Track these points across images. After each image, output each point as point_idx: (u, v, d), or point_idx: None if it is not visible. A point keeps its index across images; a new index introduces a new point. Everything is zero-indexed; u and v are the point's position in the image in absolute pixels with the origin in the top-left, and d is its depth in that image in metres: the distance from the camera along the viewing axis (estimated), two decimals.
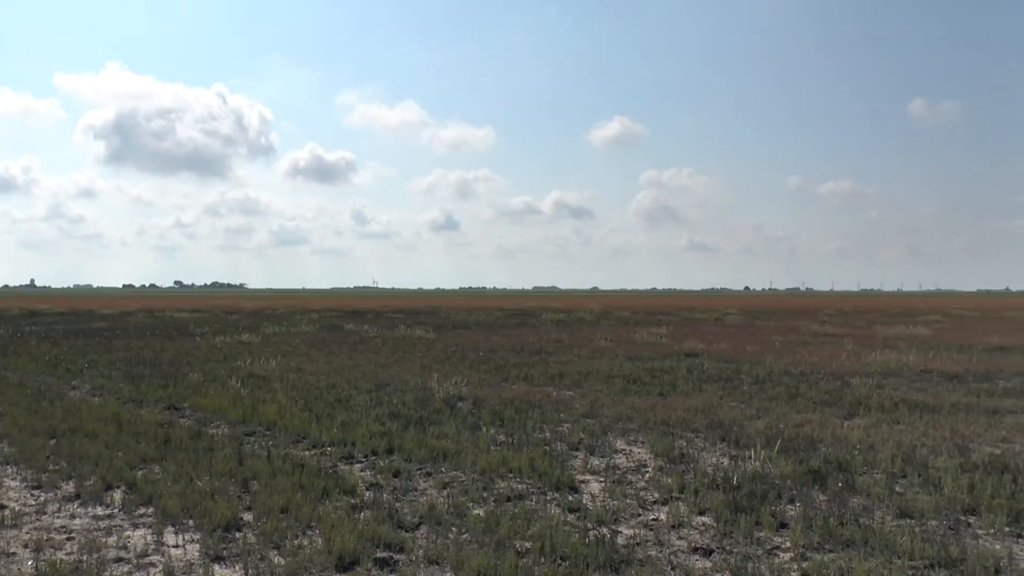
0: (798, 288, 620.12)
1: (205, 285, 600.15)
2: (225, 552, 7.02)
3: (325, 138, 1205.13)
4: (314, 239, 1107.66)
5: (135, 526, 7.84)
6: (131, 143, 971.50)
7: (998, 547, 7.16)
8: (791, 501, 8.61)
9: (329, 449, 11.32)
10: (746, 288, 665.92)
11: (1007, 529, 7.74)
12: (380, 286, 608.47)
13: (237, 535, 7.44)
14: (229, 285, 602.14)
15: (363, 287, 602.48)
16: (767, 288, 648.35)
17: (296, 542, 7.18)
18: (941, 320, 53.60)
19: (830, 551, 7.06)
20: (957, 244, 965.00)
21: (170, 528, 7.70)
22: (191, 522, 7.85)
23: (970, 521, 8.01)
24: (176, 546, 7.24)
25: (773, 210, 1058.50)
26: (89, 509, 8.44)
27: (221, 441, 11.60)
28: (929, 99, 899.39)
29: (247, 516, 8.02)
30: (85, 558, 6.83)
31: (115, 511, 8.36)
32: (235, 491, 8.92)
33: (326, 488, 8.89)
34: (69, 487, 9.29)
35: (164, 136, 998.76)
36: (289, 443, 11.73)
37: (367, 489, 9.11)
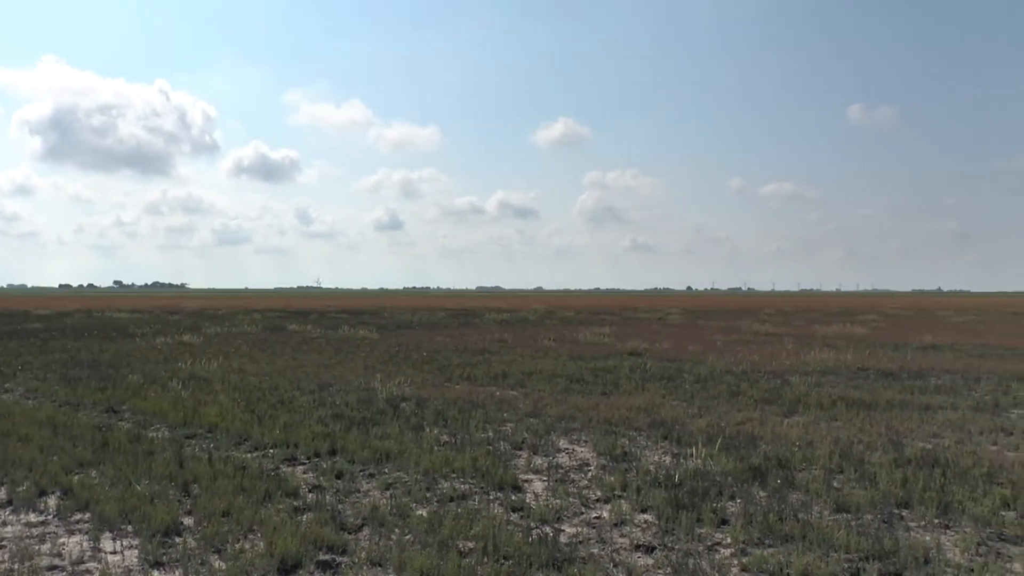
0: (739, 288, 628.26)
1: (145, 285, 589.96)
2: (164, 557, 6.91)
3: (270, 136, 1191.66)
4: (257, 238, 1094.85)
5: (71, 532, 7.68)
6: (70, 139, 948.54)
7: (928, 538, 7.36)
8: (732, 498, 8.73)
9: (271, 451, 11.22)
10: (688, 288, 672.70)
11: (936, 521, 7.97)
12: (324, 286, 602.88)
13: (177, 540, 7.33)
14: (170, 285, 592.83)
15: (307, 287, 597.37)
16: (709, 288, 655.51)
17: (237, 546, 7.10)
18: (877, 319, 54.70)
19: (770, 546, 7.18)
20: (892, 245, 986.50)
21: (107, 534, 7.57)
22: (130, 527, 7.71)
23: (903, 514, 8.21)
24: (114, 552, 7.11)
25: (715, 211, 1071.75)
26: (22, 516, 8.24)
27: (161, 444, 11.42)
28: (867, 105, 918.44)
29: (187, 520, 7.91)
30: (17, 567, 6.67)
31: (49, 517, 8.18)
32: (175, 495, 8.79)
33: (268, 490, 8.81)
34: (0, 493, 9.07)
35: (105, 132, 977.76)
36: (231, 445, 11.59)
37: (310, 491, 9.04)
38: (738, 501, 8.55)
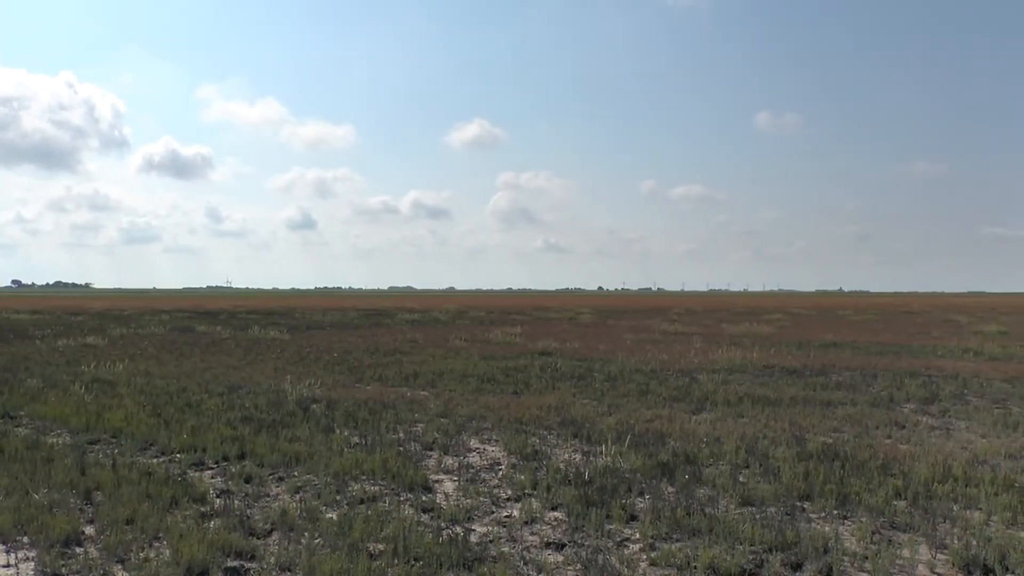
0: (650, 288, 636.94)
1: (47, 285, 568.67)
2: (64, 569, 6.68)
3: (182, 133, 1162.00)
4: (166, 237, 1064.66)
5: None
6: None
7: (827, 529, 7.61)
8: (641, 494, 8.86)
9: (179, 456, 10.96)
10: (600, 288, 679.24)
11: (836, 512, 8.24)
12: (234, 286, 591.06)
13: (78, 550, 7.11)
14: (74, 285, 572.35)
15: (216, 287, 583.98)
16: (620, 288, 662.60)
17: (142, 554, 6.92)
18: (782, 319, 56.11)
19: (677, 540, 7.32)
20: (797, 247, 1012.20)
21: (1, 547, 7.28)
22: (26, 539, 7.41)
23: (804, 506, 8.46)
24: (7, 565, 6.83)
25: (627, 213, 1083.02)
26: None
27: (62, 451, 11.05)
28: (773, 112, 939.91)
29: (89, 529, 7.68)
30: None
31: None
32: (76, 503, 8.52)
33: (175, 497, 8.61)
34: None
35: (5, 125, 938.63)
36: (136, 451, 11.28)
37: (218, 496, 8.87)
38: (647, 497, 8.68)
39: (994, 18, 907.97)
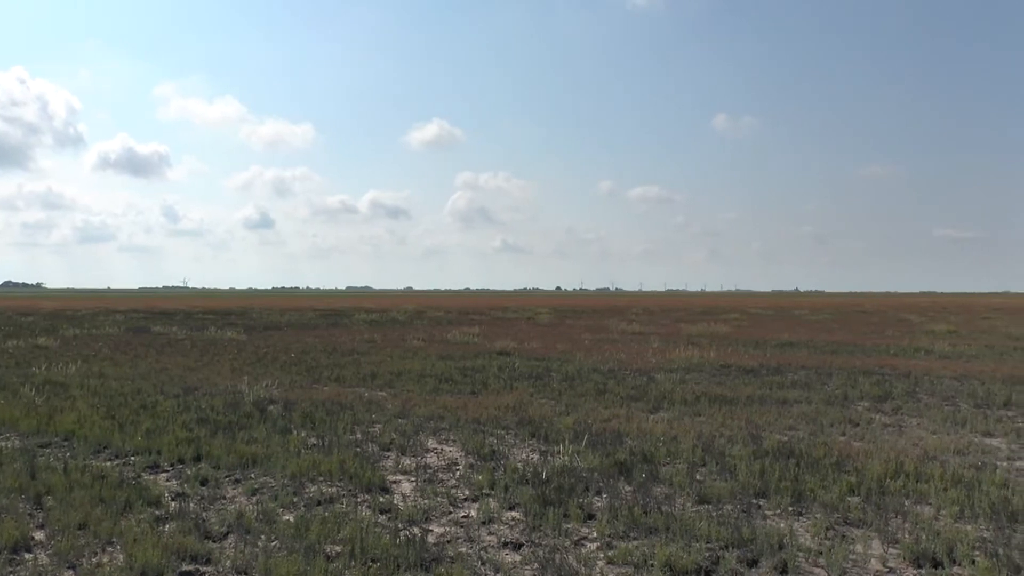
0: (608, 288, 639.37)
1: None
2: None
3: (138, 130, 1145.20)
4: (122, 236, 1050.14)
5: None
6: None
7: (783, 525, 7.70)
8: (598, 493, 8.89)
9: (133, 459, 10.78)
10: (558, 288, 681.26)
11: (791, 509, 8.34)
12: (190, 286, 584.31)
13: (27, 556, 6.98)
14: (24, 284, 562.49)
15: (173, 287, 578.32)
16: (578, 288, 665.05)
17: (94, 560, 6.81)
18: (740, 318, 56.61)
19: (634, 539, 7.35)
20: (754, 248, 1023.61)
21: None
22: None
23: (760, 503, 8.54)
24: None
25: (585, 213, 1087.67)
26: None
27: (11, 455, 10.83)
28: (731, 115, 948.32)
29: (39, 535, 7.54)
30: None
31: None
32: (26, 508, 8.36)
33: (129, 500, 8.47)
34: None
35: None
36: (89, 454, 11.08)
37: (173, 499, 8.74)
38: (604, 496, 8.71)
39: (947, 24, 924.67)
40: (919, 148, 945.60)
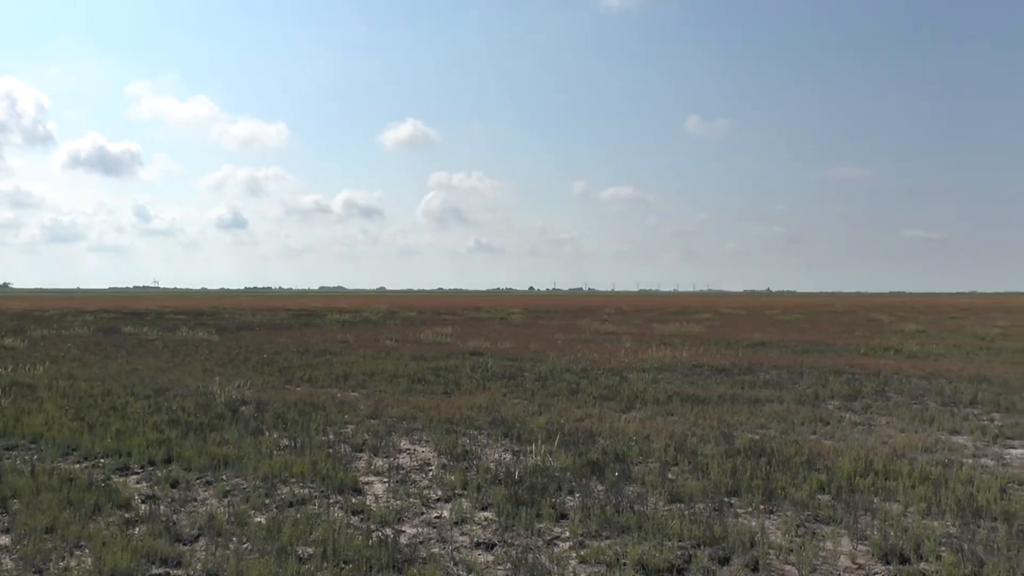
0: (581, 288, 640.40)
1: None
2: None
3: (110, 129, 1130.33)
4: (92, 235, 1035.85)
5: None
6: None
7: (754, 523, 7.75)
8: (571, 492, 8.91)
9: (103, 461, 10.66)
10: (531, 288, 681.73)
11: (762, 507, 8.40)
12: (162, 286, 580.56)
13: None
14: None
15: (144, 287, 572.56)
16: (551, 288, 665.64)
17: (62, 564, 6.73)
18: (712, 318, 56.96)
19: (607, 537, 7.37)
20: (727, 248, 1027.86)
21: None
22: None
23: (732, 502, 8.59)
24: None
25: (558, 214, 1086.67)
26: None
27: None
28: (703, 116, 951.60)
29: (4, 539, 7.43)
30: None
31: None
32: None
33: (98, 503, 8.39)
34: None
35: None
36: (57, 456, 10.95)
37: (143, 502, 8.66)
38: (577, 495, 8.73)
39: (916, 27, 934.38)
40: (889, 150, 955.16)
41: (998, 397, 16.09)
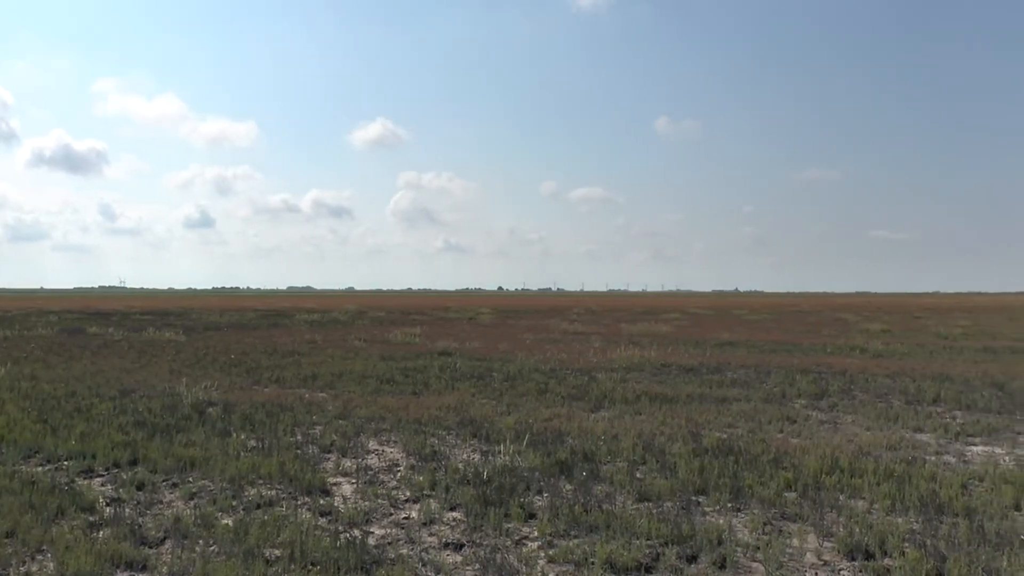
0: (550, 288, 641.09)
1: None
2: None
3: (75, 126, 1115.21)
4: (56, 235, 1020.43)
5: None
6: None
7: (721, 521, 7.81)
8: (539, 492, 8.91)
9: (66, 463, 10.52)
10: (500, 288, 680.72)
11: (729, 505, 8.45)
12: (128, 286, 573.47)
13: None
14: None
15: (109, 287, 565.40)
16: (520, 288, 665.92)
17: (23, 569, 6.63)
18: (680, 318, 57.28)
19: (575, 537, 7.38)
20: (695, 248, 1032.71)
21: None
22: None
23: (700, 500, 8.64)
24: None
25: (528, 214, 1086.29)
26: None
27: None
28: (673, 118, 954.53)
29: None
30: None
31: None
32: None
33: (61, 506, 8.27)
34: None
35: None
36: (19, 459, 10.78)
37: (108, 505, 8.56)
38: (545, 495, 8.74)
39: (882, 31, 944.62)
40: (856, 153, 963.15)
41: (960, 395, 16.31)
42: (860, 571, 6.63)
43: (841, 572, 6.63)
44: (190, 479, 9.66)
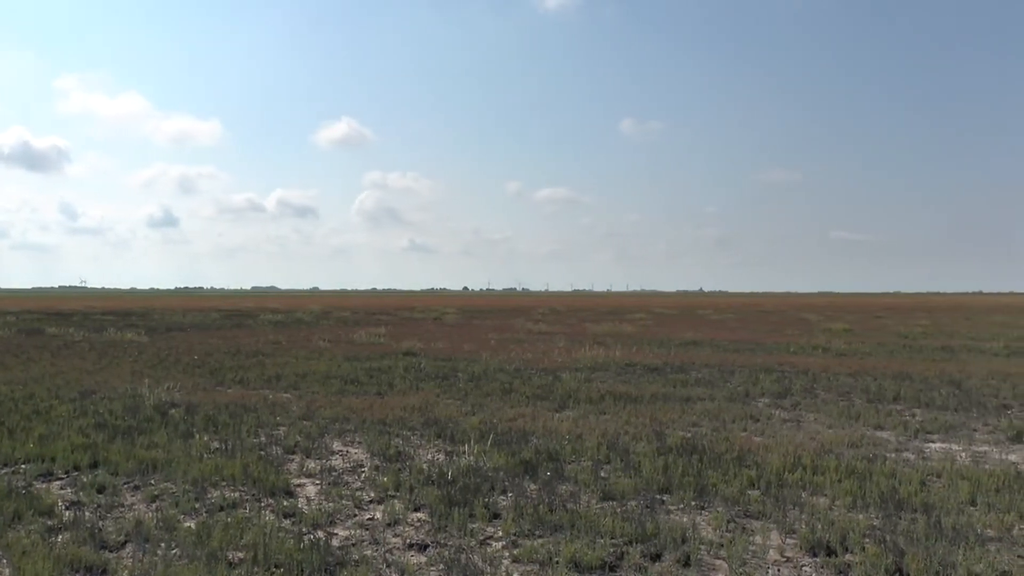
0: (515, 288, 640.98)
1: None
2: None
3: (35, 123, 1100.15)
4: (15, 233, 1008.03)
5: None
6: None
7: (685, 519, 7.86)
8: (504, 492, 8.91)
9: (24, 467, 10.34)
10: (465, 288, 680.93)
11: (693, 503, 8.50)
12: (89, 286, 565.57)
13: None
14: None
15: (70, 287, 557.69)
16: (485, 288, 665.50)
17: None
18: (645, 318, 57.51)
19: (540, 536, 7.39)
20: (659, 249, 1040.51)
21: None
22: None
23: (664, 499, 8.69)
24: None
25: (492, 214, 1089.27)
26: None
27: None
28: (637, 119, 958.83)
29: None
30: None
31: None
32: None
33: (18, 511, 8.12)
34: None
35: None
36: None
37: (67, 508, 8.43)
38: (510, 495, 8.74)
39: (841, 33, 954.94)
40: (817, 154, 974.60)
41: (919, 393, 16.54)
42: (822, 567, 6.70)
43: (803, 568, 6.70)
44: (152, 481, 9.54)
